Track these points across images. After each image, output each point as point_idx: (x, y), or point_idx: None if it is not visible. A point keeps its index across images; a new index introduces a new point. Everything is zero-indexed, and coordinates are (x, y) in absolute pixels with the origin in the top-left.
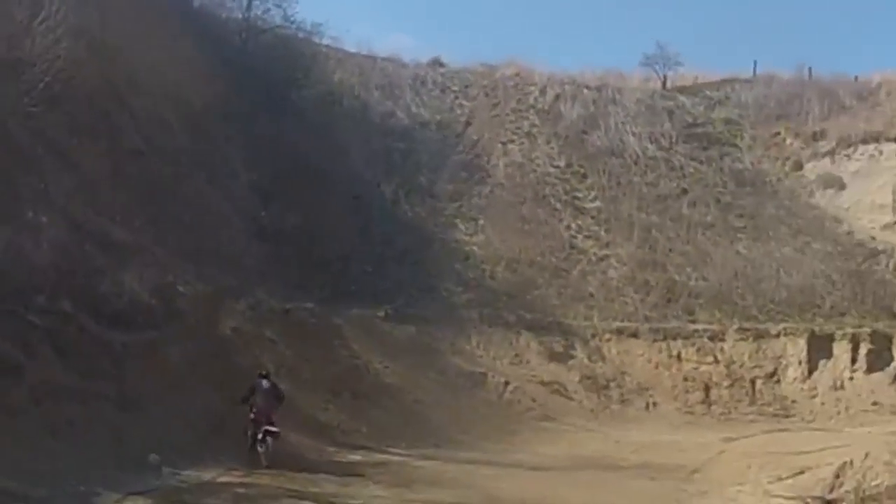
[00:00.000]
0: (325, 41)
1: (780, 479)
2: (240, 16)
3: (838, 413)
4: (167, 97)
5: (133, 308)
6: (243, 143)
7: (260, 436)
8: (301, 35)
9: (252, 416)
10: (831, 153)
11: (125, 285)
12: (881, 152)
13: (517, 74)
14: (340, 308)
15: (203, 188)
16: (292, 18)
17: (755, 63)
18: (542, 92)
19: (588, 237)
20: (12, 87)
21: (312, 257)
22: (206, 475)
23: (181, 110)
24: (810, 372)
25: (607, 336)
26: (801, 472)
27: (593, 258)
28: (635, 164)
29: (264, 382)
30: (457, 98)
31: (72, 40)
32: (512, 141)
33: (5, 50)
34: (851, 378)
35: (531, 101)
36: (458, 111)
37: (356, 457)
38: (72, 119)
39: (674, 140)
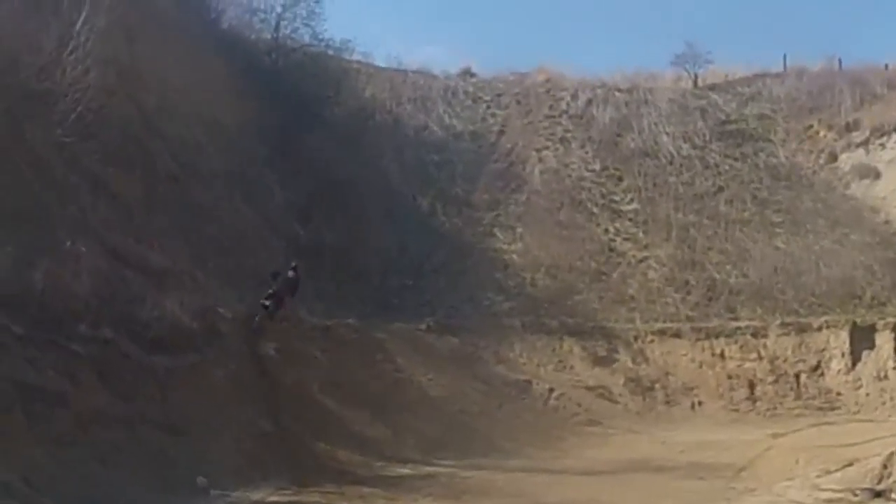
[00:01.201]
0: (354, 57)
1: (828, 472)
2: (269, 36)
3: (883, 403)
4: (199, 120)
5: (174, 332)
6: (277, 162)
7: (279, 311)
8: (331, 52)
9: (271, 291)
10: (865, 143)
11: (166, 310)
12: None
13: (548, 81)
14: (382, 322)
15: (239, 209)
16: (321, 36)
17: (785, 56)
18: (574, 97)
19: (626, 239)
20: (45, 117)
21: (352, 273)
22: (255, 495)
23: (214, 133)
24: (854, 363)
25: (650, 338)
26: (849, 465)
27: (632, 260)
28: (670, 164)
29: (290, 273)
30: (489, 107)
31: (102, 69)
32: (546, 147)
33: (36, 81)
34: (895, 368)
35: (563, 106)
36: (491, 120)
37: (405, 470)
38: (105, 147)
39: (707, 138)
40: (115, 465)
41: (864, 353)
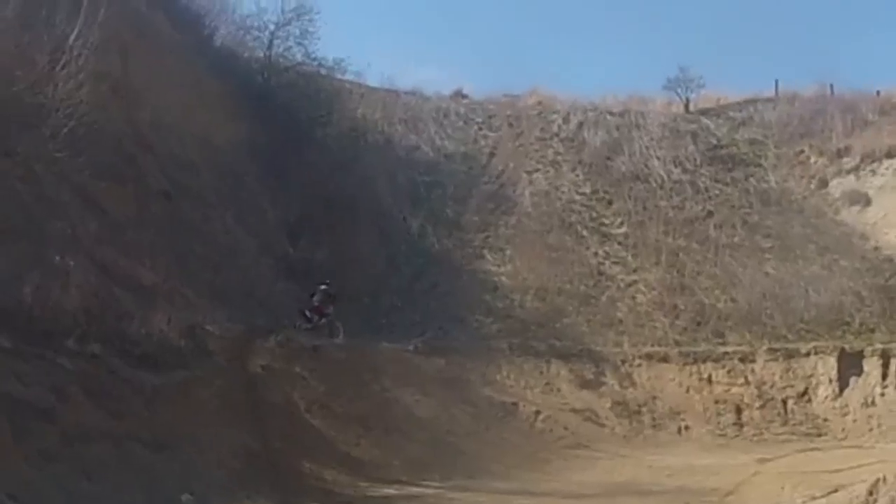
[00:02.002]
0: (347, 77)
1: (813, 498)
2: (261, 54)
3: (870, 430)
4: (192, 138)
5: (163, 349)
6: (269, 180)
7: (322, 321)
8: (323, 72)
9: (315, 305)
10: (856, 169)
11: (154, 326)
12: None
13: (540, 103)
14: (370, 342)
15: (230, 227)
16: (314, 55)
17: (777, 82)
18: (566, 120)
19: (616, 263)
20: (37, 132)
21: (341, 292)
22: None
23: (206, 150)
24: (841, 390)
25: (637, 361)
26: (835, 491)
27: (621, 284)
28: (660, 188)
29: (322, 287)
30: (480, 129)
31: (94, 84)
32: (537, 170)
33: (29, 95)
34: (883, 394)
35: (555, 129)
36: (482, 142)
37: (390, 490)
38: (97, 163)
39: (698, 163)
40: (100, 480)
41: (852, 379)
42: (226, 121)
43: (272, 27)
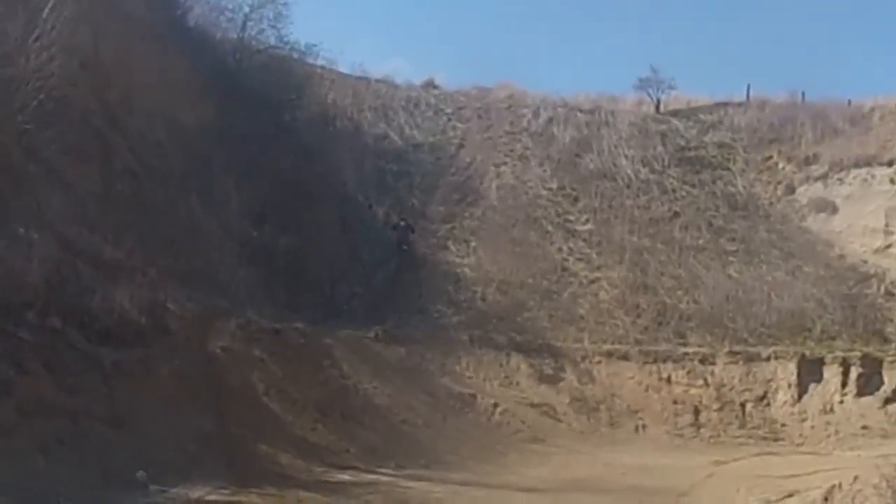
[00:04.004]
0: (319, 62)
1: (768, 502)
2: (234, 36)
3: (828, 436)
4: (161, 117)
5: (123, 326)
6: (236, 163)
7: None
8: (295, 55)
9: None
10: (824, 177)
11: (115, 303)
12: (874, 176)
13: (510, 97)
14: (331, 328)
15: (195, 208)
16: (287, 39)
17: (748, 87)
18: (536, 115)
19: (579, 260)
20: (6, 104)
21: (303, 278)
22: (195, 493)
23: (174, 130)
24: (800, 395)
25: (597, 358)
26: (790, 496)
27: (584, 281)
28: (627, 187)
29: (402, 223)
30: (450, 120)
31: (65, 59)
32: (504, 163)
33: (0, 66)
34: (842, 402)
35: (524, 123)
36: (451, 133)
37: (345, 476)
38: (65, 137)
39: (666, 163)
40: (55, 455)
41: (811, 385)
42: (195, 101)
43: (246, 9)
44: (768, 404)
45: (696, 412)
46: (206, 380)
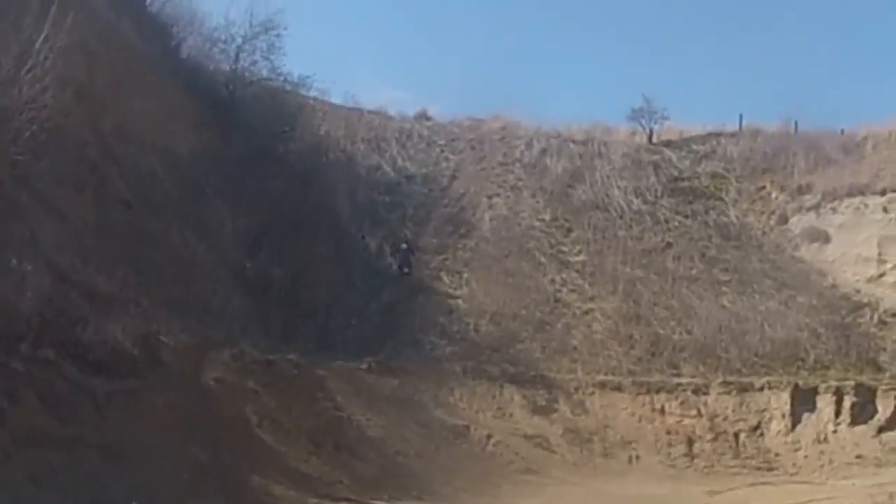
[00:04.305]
0: (312, 93)
1: None
2: (227, 67)
3: (822, 466)
4: (154, 147)
5: (116, 357)
6: (230, 194)
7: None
8: (288, 87)
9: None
10: (816, 207)
11: (109, 334)
12: (866, 205)
13: (503, 128)
14: (324, 359)
15: (189, 239)
16: (280, 70)
17: (741, 116)
18: (528, 146)
19: (572, 291)
20: None
21: (297, 308)
22: None
23: (168, 161)
24: (794, 425)
25: (591, 389)
26: None
27: (577, 312)
28: (620, 217)
29: (403, 246)
30: (443, 151)
31: (59, 89)
32: (497, 195)
33: None
34: (835, 431)
35: (517, 154)
36: (444, 165)
37: None
38: (58, 168)
39: (659, 194)
40: (48, 485)
41: (805, 415)
42: (189, 132)
43: (239, 40)
44: (762, 434)
45: (690, 442)
46: (200, 411)
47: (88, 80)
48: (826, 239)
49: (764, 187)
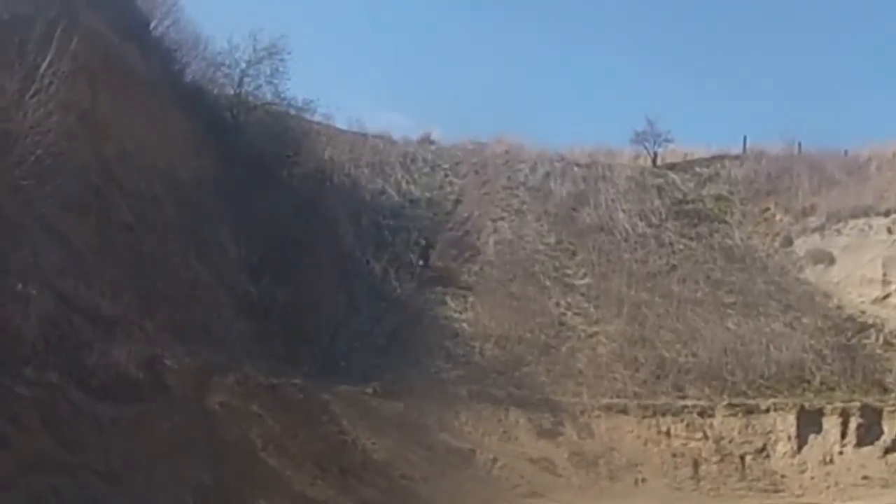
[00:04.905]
0: (316, 118)
1: None
2: (231, 92)
3: (828, 488)
4: (158, 172)
5: (120, 381)
6: (233, 218)
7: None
8: (292, 111)
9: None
10: (821, 228)
11: (113, 358)
12: (871, 226)
13: (507, 152)
14: (328, 383)
15: (192, 263)
16: (283, 95)
17: (745, 138)
18: (532, 169)
19: (577, 314)
20: (3, 159)
21: (301, 333)
22: None
23: (171, 185)
24: (800, 447)
25: (596, 412)
26: None
27: (582, 335)
28: (625, 240)
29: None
30: (447, 175)
31: (63, 114)
32: (502, 218)
33: None
34: (841, 452)
35: (521, 178)
36: (448, 188)
37: None
38: (62, 192)
39: (663, 217)
40: None
41: (811, 436)
42: (192, 156)
43: (243, 65)
44: (768, 456)
45: (696, 465)
46: (204, 435)
47: (92, 105)
48: (831, 260)
49: (768, 209)
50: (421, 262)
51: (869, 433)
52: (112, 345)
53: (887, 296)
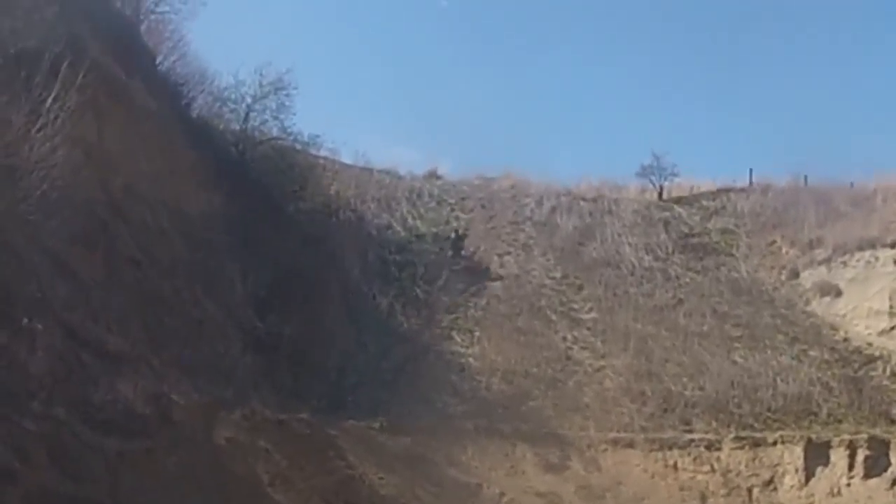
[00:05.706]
0: (322, 153)
1: None
2: (237, 127)
3: None
4: (164, 207)
5: (127, 416)
6: (240, 253)
7: None
8: (298, 146)
9: None
10: (827, 261)
11: (120, 393)
12: (877, 258)
13: (513, 186)
14: (335, 419)
15: (199, 298)
16: (290, 130)
17: (751, 171)
18: (539, 204)
19: (584, 348)
20: (9, 193)
21: (308, 368)
22: None
23: (178, 220)
24: (807, 479)
25: (603, 447)
26: None
27: (589, 369)
28: (631, 274)
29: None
30: (453, 210)
31: (69, 148)
32: (508, 253)
33: (3, 156)
34: (849, 484)
35: (527, 212)
36: (455, 223)
37: None
38: (69, 227)
39: (670, 250)
40: None
41: (818, 469)
42: (199, 191)
43: (249, 100)
44: (775, 489)
45: (703, 498)
46: (212, 470)
47: (98, 139)
48: (837, 293)
49: (774, 242)
50: (451, 254)
51: (876, 465)
52: (119, 380)
53: (894, 327)
